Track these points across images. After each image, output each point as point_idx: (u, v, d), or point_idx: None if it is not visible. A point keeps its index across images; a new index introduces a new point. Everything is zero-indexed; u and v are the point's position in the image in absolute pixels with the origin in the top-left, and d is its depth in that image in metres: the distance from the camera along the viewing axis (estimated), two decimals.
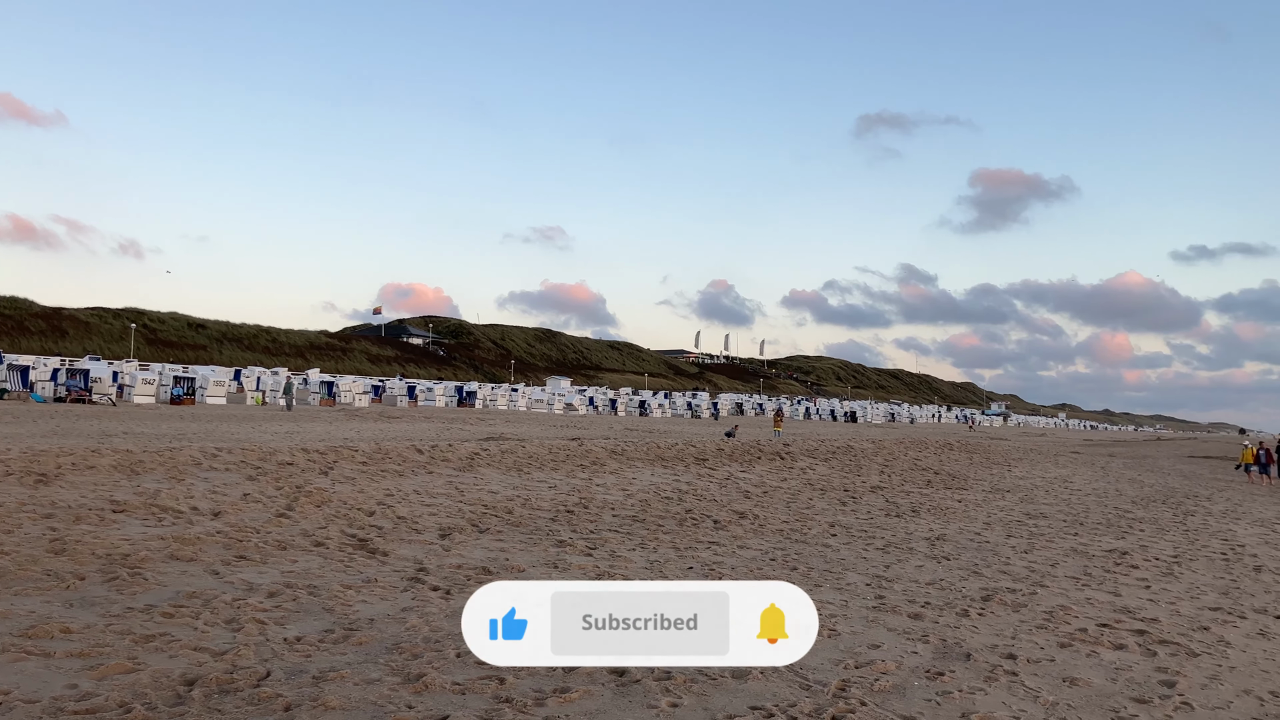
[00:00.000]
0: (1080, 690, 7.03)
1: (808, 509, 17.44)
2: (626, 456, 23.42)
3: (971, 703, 6.58)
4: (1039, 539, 15.17)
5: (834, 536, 14.22)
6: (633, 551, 11.82)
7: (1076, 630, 8.89)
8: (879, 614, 9.12)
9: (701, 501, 17.31)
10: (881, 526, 15.70)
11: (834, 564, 11.80)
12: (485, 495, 15.66)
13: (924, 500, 20.37)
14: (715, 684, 6.59)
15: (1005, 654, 7.87)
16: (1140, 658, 8.08)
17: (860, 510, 17.87)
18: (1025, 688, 6.99)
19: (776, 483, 21.51)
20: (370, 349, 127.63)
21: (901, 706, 6.40)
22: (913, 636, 8.30)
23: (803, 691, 6.55)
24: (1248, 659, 8.31)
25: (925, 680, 7.02)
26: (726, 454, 26.69)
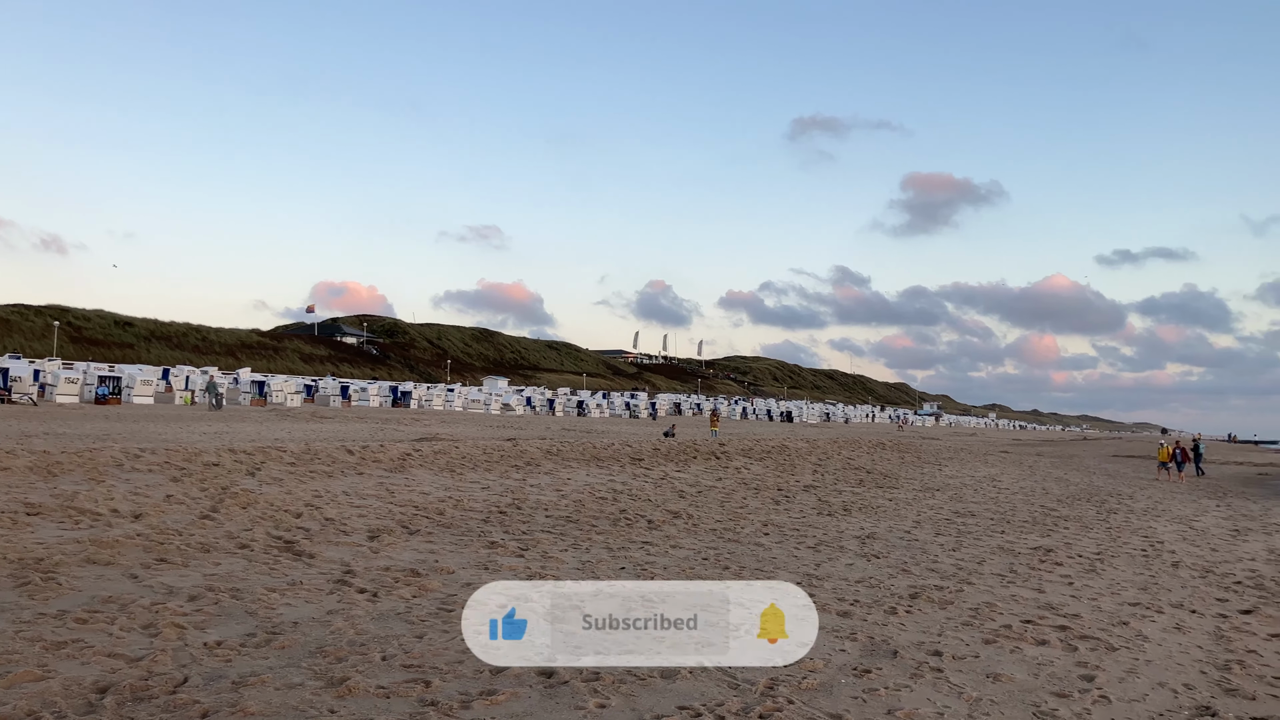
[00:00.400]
0: (1003, 686, 7.14)
1: (741, 508, 17.52)
2: (562, 457, 23.34)
3: (897, 700, 6.64)
4: (967, 537, 15.41)
5: (766, 535, 14.30)
6: (565, 552, 11.76)
7: (1001, 627, 9.03)
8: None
9: (636, 501, 17.30)
10: (813, 525, 15.82)
11: (765, 563, 11.86)
12: (416, 496, 15.48)
13: (856, 499, 20.59)
14: (643, 684, 6.57)
15: (931, 651, 7.96)
16: (1062, 653, 8.22)
17: (793, 509, 18.00)
18: (950, 684, 7.07)
19: (711, 482, 21.59)
20: (303, 348, 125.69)
21: (828, 704, 6.43)
22: (841, 634, 8.36)
23: (730, 690, 6.56)
24: (1163, 652, 8.51)
25: (852, 678, 7.07)
26: (663, 454, 26.73)
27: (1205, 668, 8.10)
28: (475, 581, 9.67)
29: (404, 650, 7.10)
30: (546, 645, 6.68)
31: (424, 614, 8.24)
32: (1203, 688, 7.48)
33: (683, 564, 11.44)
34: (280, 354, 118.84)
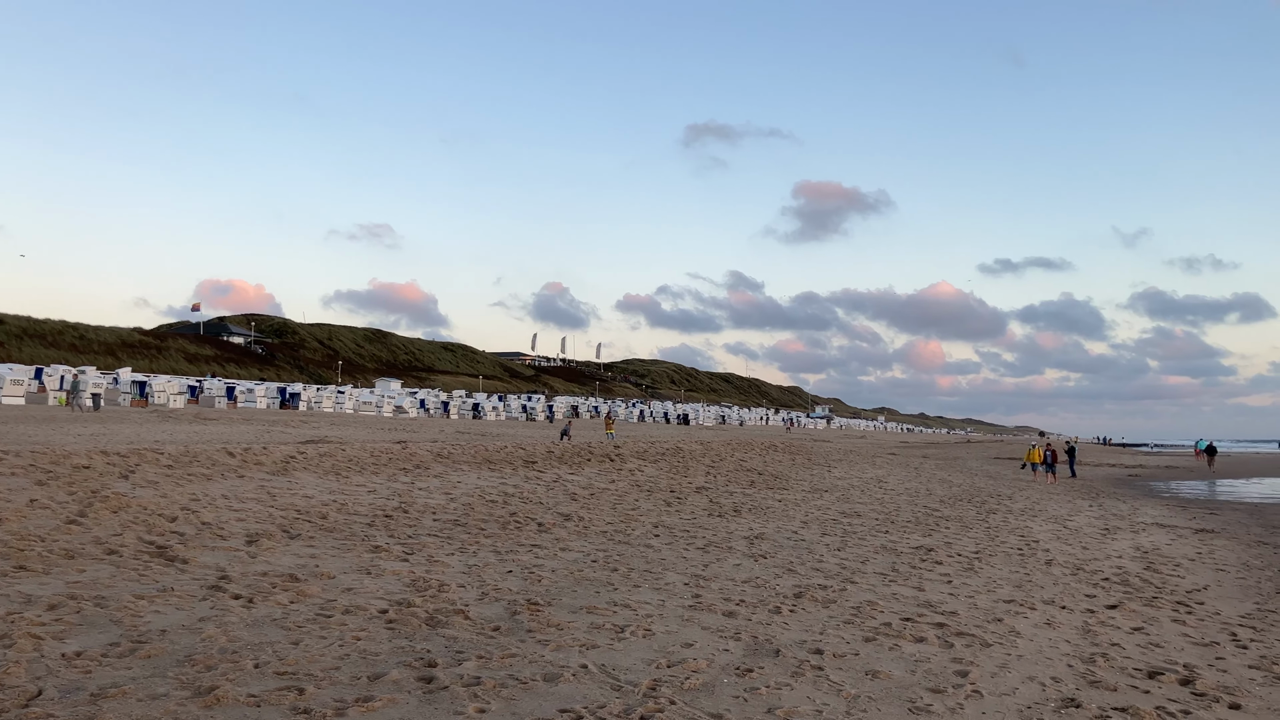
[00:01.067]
0: (881, 683, 7.26)
1: (633, 510, 17.55)
2: (453, 460, 23.04)
3: (778, 698, 6.70)
4: (852, 537, 15.71)
5: (657, 537, 14.34)
6: (451, 556, 11.59)
7: (881, 625, 9.21)
8: (694, 613, 9.21)
9: (527, 504, 17.17)
10: (704, 526, 15.93)
11: (654, 564, 11.89)
12: (299, 500, 15.08)
13: (746, 500, 20.82)
14: (525, 688, 6.50)
15: (813, 649, 8.06)
16: (938, 649, 8.42)
17: (685, 511, 18.10)
18: (830, 682, 7.17)
19: (604, 485, 21.58)
20: (188, 347, 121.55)
21: (710, 704, 6.46)
22: (726, 634, 8.42)
23: (613, 692, 6.53)
24: (1034, 648, 8.79)
25: (735, 677, 7.12)
26: (556, 457, 26.61)
27: (1072, 661, 8.38)
28: (356, 586, 9.47)
29: (278, 657, 6.89)
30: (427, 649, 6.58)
31: (301, 620, 8.01)
32: (1069, 680, 7.74)
33: (571, 567, 11.38)
34: (164, 353, 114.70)
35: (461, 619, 8.35)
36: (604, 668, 7.11)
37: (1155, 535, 19.54)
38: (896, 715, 6.53)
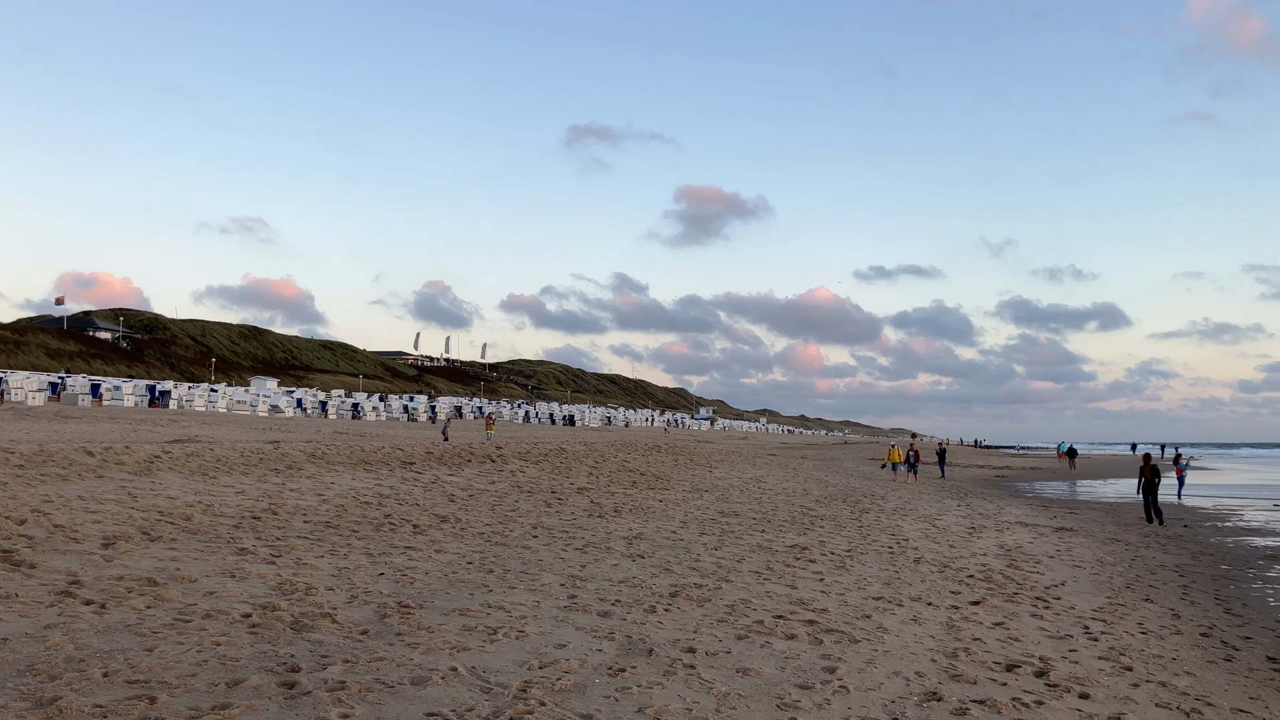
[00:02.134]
0: (751, 680, 7.34)
1: (513, 511, 17.40)
2: (327, 460, 22.49)
3: (649, 697, 6.71)
4: (729, 536, 15.89)
5: (535, 538, 14.25)
6: (321, 558, 11.29)
7: (754, 622, 9.32)
8: (569, 613, 9.17)
9: (403, 506, 16.86)
10: (583, 527, 15.90)
11: (531, 565, 11.80)
12: (162, 501, 14.49)
13: (628, 500, 20.87)
14: (392, 691, 6.36)
15: (686, 648, 8.11)
16: (808, 646, 8.56)
17: (565, 511, 18.03)
18: (701, 680, 7.21)
19: (484, 486, 21.35)
20: (50, 342, 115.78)
21: (580, 704, 6.42)
22: (600, 634, 8.40)
23: (482, 695, 6.44)
24: (900, 643, 9.02)
25: (606, 677, 7.10)
26: (436, 458, 26.23)
27: (936, 656, 8.63)
28: (219, 590, 9.13)
29: (130, 665, 6.58)
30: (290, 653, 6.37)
31: (158, 625, 7.67)
32: (932, 675, 7.96)
33: (445, 569, 11.21)
34: (22, 348, 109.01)
35: (329, 622, 8.13)
36: (474, 670, 7.01)
37: (1018, 534, 20.30)
38: (765, 712, 6.60)
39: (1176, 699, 8.02)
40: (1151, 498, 25.49)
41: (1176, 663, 9.46)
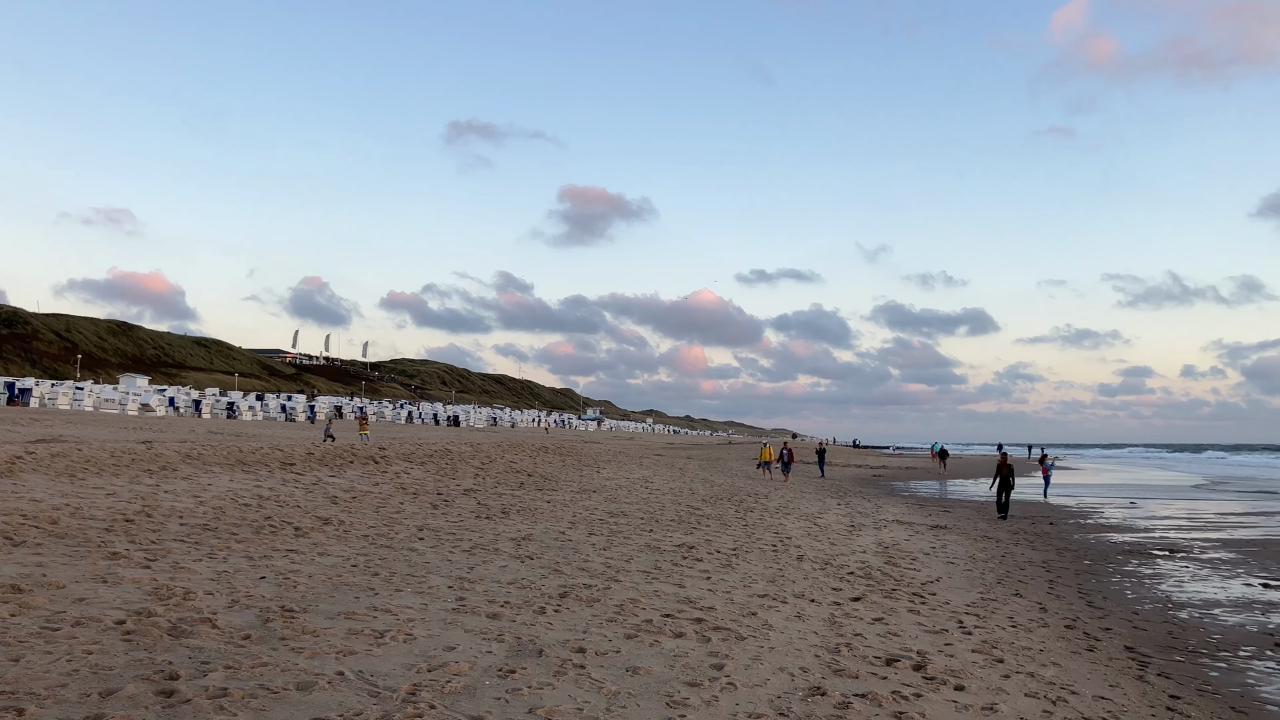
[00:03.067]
0: (641, 678, 7.42)
1: (398, 513, 17.15)
2: (203, 461, 21.77)
3: (539, 698, 6.71)
4: (618, 536, 15.97)
5: (421, 540, 14.07)
6: (199, 562, 10.93)
7: (643, 622, 9.41)
8: (458, 615, 9.10)
9: (284, 508, 16.45)
10: (470, 529, 15.78)
11: (418, 568, 11.66)
12: (25, 504, 13.81)
13: (515, 502, 20.77)
14: (276, 697, 6.22)
15: (576, 648, 8.13)
16: (696, 644, 8.69)
17: (451, 513, 17.86)
18: (591, 679, 7.25)
19: (368, 487, 20.98)
20: None
21: (470, 707, 6.39)
22: (489, 636, 8.36)
23: (370, 699, 6.35)
24: (785, 639, 9.22)
25: (497, 679, 7.08)
26: (317, 459, 25.65)
27: (819, 651, 8.85)
28: (90, 596, 8.77)
29: None
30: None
31: (24, 634, 7.33)
32: (816, 670, 8.16)
33: (329, 572, 10.99)
34: None
35: (209, 628, 7.89)
36: (361, 674, 6.90)
37: (895, 532, 20.94)
38: (655, 710, 6.68)
39: (1044, 688, 8.40)
40: (1004, 495, 27.37)
41: (1044, 654, 9.91)
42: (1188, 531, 24.31)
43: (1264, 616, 12.72)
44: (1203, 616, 12.73)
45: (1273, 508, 33.88)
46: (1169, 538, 22.57)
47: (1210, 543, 21.55)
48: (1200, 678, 9.55)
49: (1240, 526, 26.10)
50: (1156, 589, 14.91)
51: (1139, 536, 22.85)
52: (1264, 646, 10.95)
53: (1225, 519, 28.69)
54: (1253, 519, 28.85)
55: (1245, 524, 26.91)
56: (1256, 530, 24.91)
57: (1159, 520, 27.84)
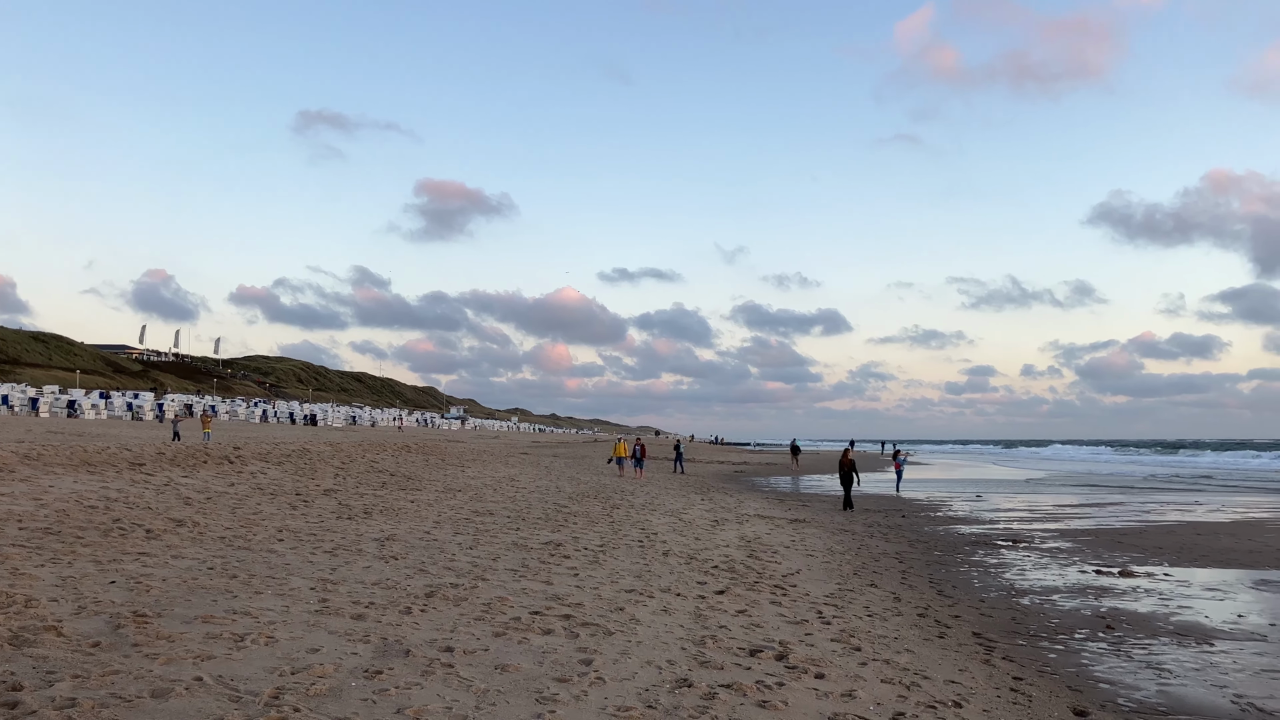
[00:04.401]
0: (510, 676, 7.43)
1: (255, 514, 16.64)
2: (44, 462, 20.65)
3: (407, 698, 6.65)
4: (484, 535, 15.88)
5: (281, 541, 13.71)
6: (41, 568, 10.39)
7: (511, 619, 9.41)
8: (321, 617, 8.92)
9: (134, 510, 15.76)
10: (332, 529, 15.44)
11: (278, 569, 11.36)
12: None
13: (378, 502, 20.41)
14: (130, 705, 5.99)
15: (444, 647, 8.08)
16: (565, 640, 8.74)
17: (311, 514, 17.43)
18: (460, 678, 7.22)
19: (223, 488, 20.28)
20: None
21: (336, 708, 6.29)
22: (354, 637, 8.23)
23: (231, 704, 6.18)
24: (652, 633, 9.36)
25: (363, 680, 6.98)
26: (168, 459, 24.64)
27: (685, 644, 9.02)
28: None
29: None
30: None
31: None
32: (682, 662, 8.32)
33: (184, 575, 10.60)
34: None
35: (54, 635, 7.53)
36: (221, 679, 6.71)
37: (757, 526, 21.44)
38: (525, 706, 6.70)
39: (899, 674, 8.77)
40: (848, 488, 29.30)
41: (898, 641, 10.33)
42: (1029, 523, 25.64)
43: (1097, 601, 13.55)
44: (1043, 602, 13.47)
45: (1104, 499, 36.02)
46: (1012, 529, 23.76)
47: (1049, 533, 22.78)
48: (1040, 660, 10.12)
49: (1076, 517, 27.67)
50: (1001, 577, 15.69)
51: (985, 528, 23.98)
52: (1096, 629, 11.67)
53: (1062, 510, 30.35)
54: (1087, 510, 30.62)
55: (1080, 515, 28.54)
56: (1090, 521, 26.45)
57: (1003, 512, 29.26)
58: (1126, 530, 23.58)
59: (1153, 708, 8.43)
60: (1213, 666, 9.86)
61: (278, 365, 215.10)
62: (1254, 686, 9.13)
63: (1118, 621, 12.09)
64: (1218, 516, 28.04)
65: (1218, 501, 35.10)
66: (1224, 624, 12.02)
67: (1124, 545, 20.24)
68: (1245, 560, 17.93)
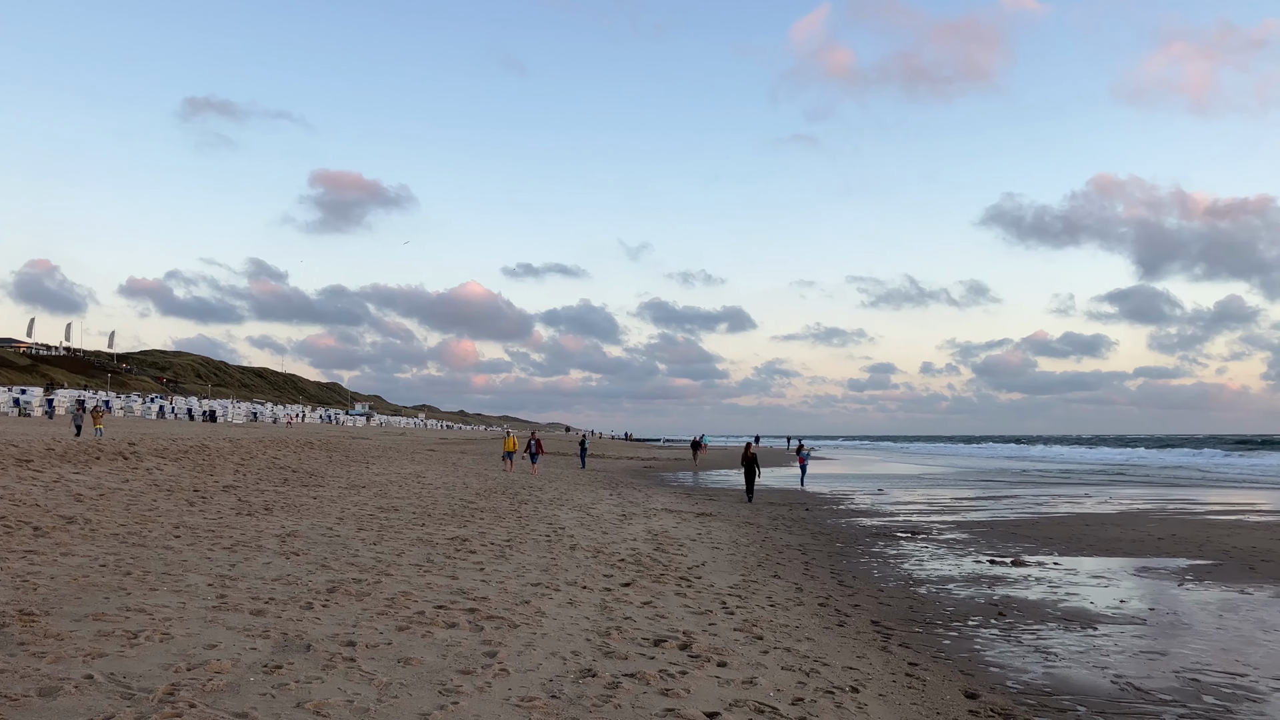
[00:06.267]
0: (413, 669, 7.39)
1: (151, 511, 16.19)
2: None
3: (308, 692, 6.58)
4: (389, 531, 15.72)
5: (178, 538, 13.37)
6: None
7: (415, 614, 9.35)
8: (219, 613, 8.75)
9: (20, 507, 15.20)
10: (231, 525, 15.11)
11: (174, 566, 11.09)
12: None
13: (279, 498, 20.02)
14: (16, 705, 5.81)
15: (346, 642, 8.00)
16: (469, 634, 8.72)
17: (210, 510, 17.02)
18: (362, 672, 7.17)
19: (117, 484, 19.66)
20: None
21: (234, 704, 6.19)
22: (253, 633, 8.09)
23: (124, 701, 6.04)
24: (558, 625, 9.40)
25: (262, 675, 6.88)
26: (58, 454, 23.78)
27: (591, 635, 9.08)
28: None
29: None
30: None
31: None
32: (587, 653, 8.38)
33: (75, 572, 10.28)
34: None
35: None
36: (114, 676, 6.55)
37: (665, 520, 21.62)
38: (427, 698, 6.69)
39: (799, 661, 8.97)
40: (750, 480, 30.94)
41: (799, 630, 10.56)
42: (927, 515, 26.36)
43: (990, 590, 14.02)
44: (939, 591, 13.89)
45: (1000, 493, 37.20)
46: (911, 521, 24.41)
47: (947, 525, 23.47)
48: (935, 646, 10.44)
49: (973, 510, 28.54)
50: (900, 568, 16.12)
51: (885, 520, 24.58)
52: (989, 616, 12.08)
53: (960, 503, 31.28)
54: (983, 503, 31.60)
55: (977, 508, 29.45)
56: (985, 513, 27.31)
57: (903, 505, 30.02)
58: (1020, 522, 24.41)
59: (1039, 689, 8.78)
60: (1095, 649, 10.30)
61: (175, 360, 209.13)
62: (1132, 667, 9.58)
63: (1009, 608, 12.54)
64: (1104, 508, 29.22)
65: (1106, 494, 36.56)
66: (1107, 609, 12.55)
67: (1017, 536, 20.96)
68: (1129, 549, 18.73)
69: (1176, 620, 11.88)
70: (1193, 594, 13.80)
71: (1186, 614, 12.27)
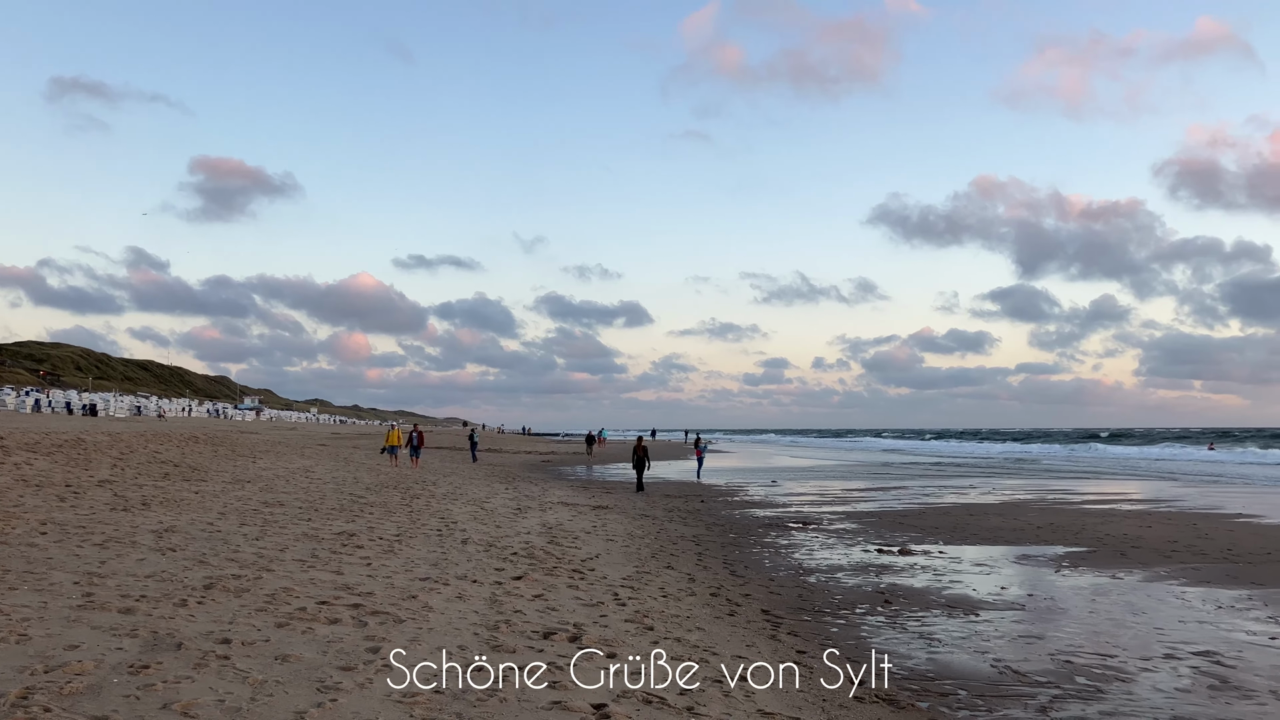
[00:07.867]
0: (291, 666, 7.13)
1: (17, 507, 15.39)
2: None
3: (176, 692, 6.28)
4: (273, 525, 15.25)
5: (44, 535, 12.72)
6: None
7: (296, 610, 9.05)
8: (84, 612, 8.32)
9: None
10: (105, 521, 14.46)
11: (38, 564, 10.53)
12: None
13: (158, 493, 19.27)
14: None
15: (220, 639, 7.69)
16: (353, 629, 8.48)
17: (82, 506, 16.27)
18: (236, 670, 6.89)
19: None
20: None
21: (94, 706, 5.87)
22: (120, 632, 7.71)
23: None
24: (446, 620, 9.21)
25: (127, 675, 6.55)
26: None
27: (479, 629, 8.92)
28: None
29: None
30: None
31: None
32: (474, 647, 8.22)
33: None
34: None
35: None
36: None
37: (560, 513, 21.49)
38: (304, 695, 6.45)
39: (689, 651, 8.96)
40: (640, 472, 32.05)
41: (690, 620, 10.56)
42: (819, 506, 26.79)
43: (877, 578, 14.28)
44: (828, 580, 14.08)
45: (889, 484, 38.06)
46: (803, 512, 24.76)
47: (837, 515, 23.87)
48: (823, 633, 10.57)
49: (862, 501, 29.12)
50: (791, 557, 16.31)
51: (778, 511, 24.89)
52: (875, 604, 12.29)
53: (850, 494, 31.88)
54: (872, 494, 32.28)
55: (866, 499, 30.05)
56: (874, 504, 27.89)
57: (795, 497, 30.46)
58: (907, 512, 24.98)
59: (922, 674, 8.94)
60: (977, 634, 10.56)
61: (54, 352, 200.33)
62: (1011, 651, 9.84)
63: (895, 596, 12.78)
64: (988, 499, 30.13)
65: (989, 484, 37.72)
66: (989, 596, 12.90)
67: (904, 526, 21.43)
68: (1010, 538, 19.31)
69: (1053, 605, 12.26)
70: (1068, 580, 14.28)
71: (1062, 599, 12.69)
